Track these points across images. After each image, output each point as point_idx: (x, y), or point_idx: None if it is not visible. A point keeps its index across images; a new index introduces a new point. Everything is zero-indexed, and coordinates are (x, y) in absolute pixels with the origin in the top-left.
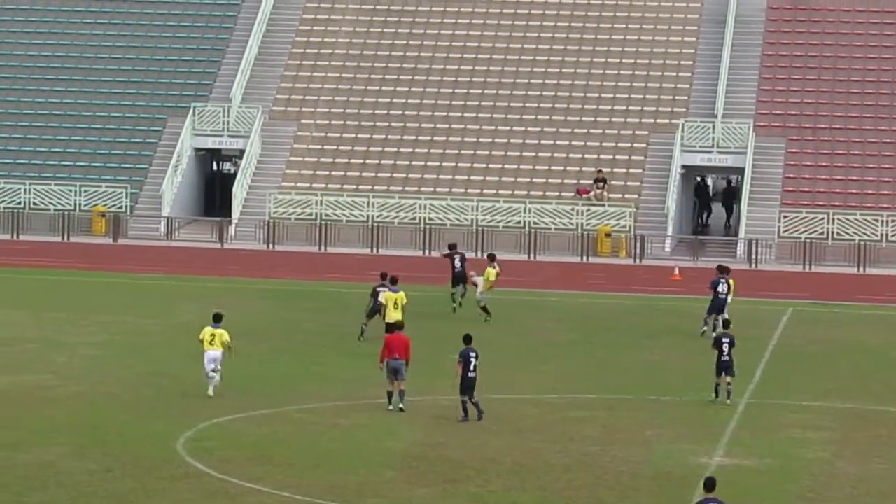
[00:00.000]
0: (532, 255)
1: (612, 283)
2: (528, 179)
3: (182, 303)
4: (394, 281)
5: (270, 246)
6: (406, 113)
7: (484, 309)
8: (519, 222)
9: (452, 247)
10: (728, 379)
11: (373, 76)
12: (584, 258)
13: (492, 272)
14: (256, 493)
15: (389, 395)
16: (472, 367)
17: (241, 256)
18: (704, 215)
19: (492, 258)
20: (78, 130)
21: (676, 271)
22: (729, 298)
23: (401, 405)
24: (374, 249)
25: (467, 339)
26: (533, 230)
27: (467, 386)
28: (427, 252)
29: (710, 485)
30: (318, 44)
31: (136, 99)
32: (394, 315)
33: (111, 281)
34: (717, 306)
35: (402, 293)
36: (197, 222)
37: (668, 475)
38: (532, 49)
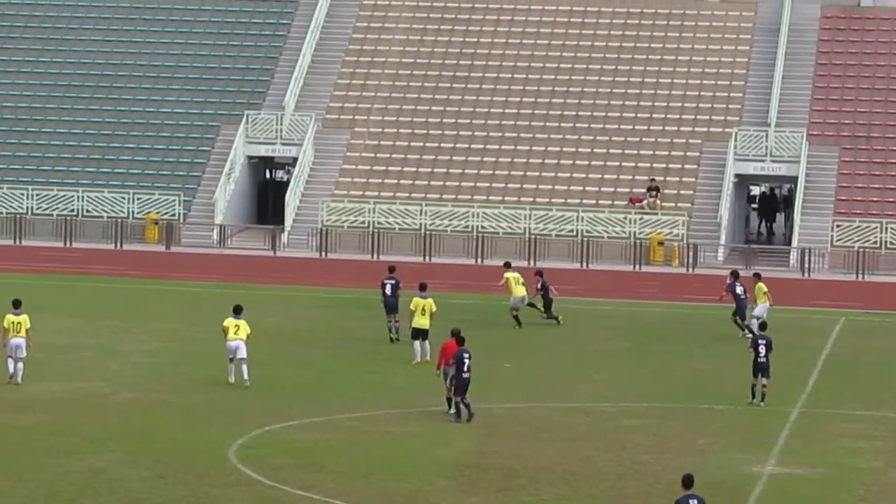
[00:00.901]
0: (584, 264)
1: (665, 291)
2: (580, 188)
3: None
4: (423, 287)
5: (323, 254)
6: (459, 121)
7: (516, 318)
8: (571, 231)
9: (391, 269)
10: (764, 381)
11: (426, 84)
12: (637, 267)
13: (512, 278)
14: (308, 500)
15: (449, 400)
16: (465, 368)
17: (293, 264)
18: (769, 224)
19: (508, 265)
20: (132, 138)
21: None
22: (768, 303)
23: (470, 414)
24: (427, 258)
25: (461, 341)
26: (585, 239)
27: (460, 386)
28: (480, 261)
29: (688, 482)
30: (371, 52)
31: (190, 106)
32: (420, 321)
33: (164, 289)
34: (741, 308)
35: (430, 300)
36: (249, 230)
37: (720, 484)
38: (585, 57)
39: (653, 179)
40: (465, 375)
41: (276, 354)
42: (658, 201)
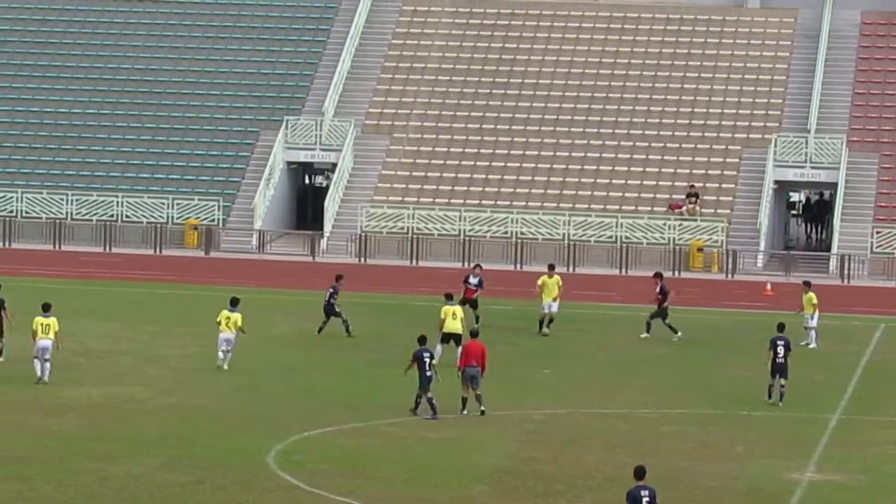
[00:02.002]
0: (623, 270)
1: (704, 298)
2: (620, 194)
3: (274, 316)
4: (449, 297)
5: (362, 259)
6: (498, 127)
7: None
8: (611, 237)
9: (338, 278)
10: (782, 381)
11: (465, 90)
12: (676, 273)
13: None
14: None
15: (464, 401)
16: (427, 367)
17: (333, 270)
18: (819, 230)
19: (552, 267)
20: (171, 143)
21: (768, 286)
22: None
23: (482, 408)
24: (466, 263)
25: (421, 340)
26: (625, 245)
27: (424, 383)
28: (519, 266)
29: (640, 473)
30: (410, 57)
31: (230, 112)
32: (451, 325)
33: (203, 294)
34: (662, 313)
35: (458, 307)
36: (289, 235)
37: (759, 491)
38: (625, 63)
39: (692, 185)
40: (428, 373)
41: (315, 360)
42: (697, 207)
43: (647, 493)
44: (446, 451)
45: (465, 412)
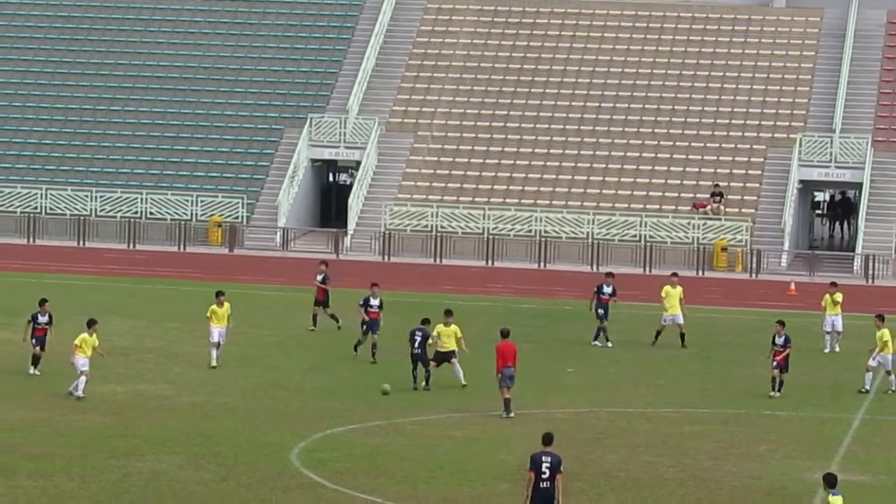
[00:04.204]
0: (647, 269)
1: (728, 297)
2: (644, 193)
3: (298, 313)
4: (448, 313)
5: (386, 257)
6: (523, 125)
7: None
8: (635, 236)
9: (324, 275)
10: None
11: (489, 88)
12: (700, 272)
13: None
14: None
15: (506, 402)
16: (416, 345)
17: (357, 267)
18: (843, 228)
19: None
20: (195, 140)
21: (792, 286)
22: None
23: (511, 414)
24: (490, 262)
25: (425, 321)
26: (649, 244)
27: (412, 358)
28: (542, 265)
29: (547, 439)
30: (435, 55)
31: (254, 109)
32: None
33: (227, 291)
34: (602, 307)
35: (454, 327)
36: (312, 233)
37: (781, 490)
38: (650, 61)
39: (717, 185)
40: (417, 351)
41: (338, 358)
42: (722, 207)
43: (548, 458)
44: (469, 449)
45: (512, 415)
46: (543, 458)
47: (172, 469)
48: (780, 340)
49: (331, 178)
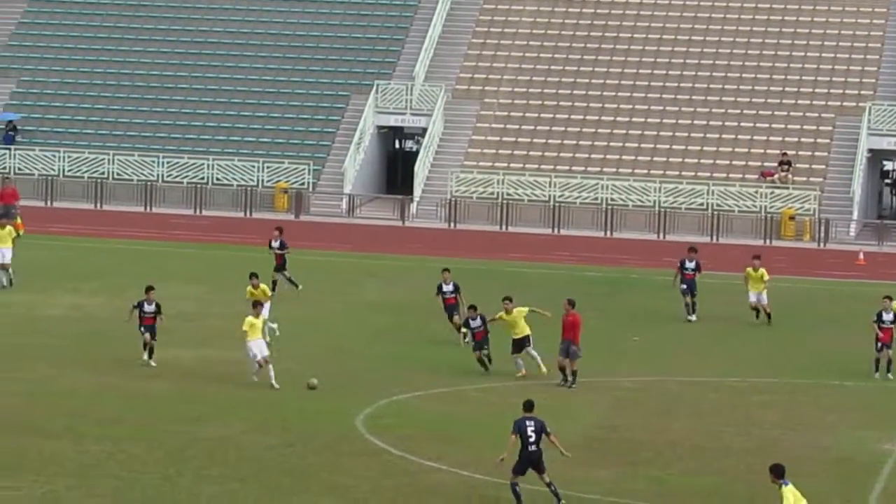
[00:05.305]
0: (714, 238)
1: (796, 266)
2: (711, 161)
3: (364, 280)
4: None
5: (452, 224)
6: (589, 93)
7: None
8: (702, 204)
9: (280, 241)
10: (890, 353)
11: (556, 55)
12: (768, 241)
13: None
14: (436, 471)
15: (562, 369)
16: (465, 339)
17: (422, 234)
18: None
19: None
20: (262, 107)
21: (861, 256)
22: None
23: (573, 384)
24: (556, 230)
25: (472, 307)
26: (716, 213)
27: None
28: (608, 233)
29: (528, 406)
30: (502, 22)
31: (320, 76)
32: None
33: (292, 258)
34: (685, 283)
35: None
36: (378, 200)
37: (849, 461)
38: (718, 29)
39: (784, 153)
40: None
41: (403, 325)
42: (790, 175)
43: (531, 423)
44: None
45: (570, 384)
46: (527, 423)
47: (238, 434)
48: (888, 316)
49: (397, 145)
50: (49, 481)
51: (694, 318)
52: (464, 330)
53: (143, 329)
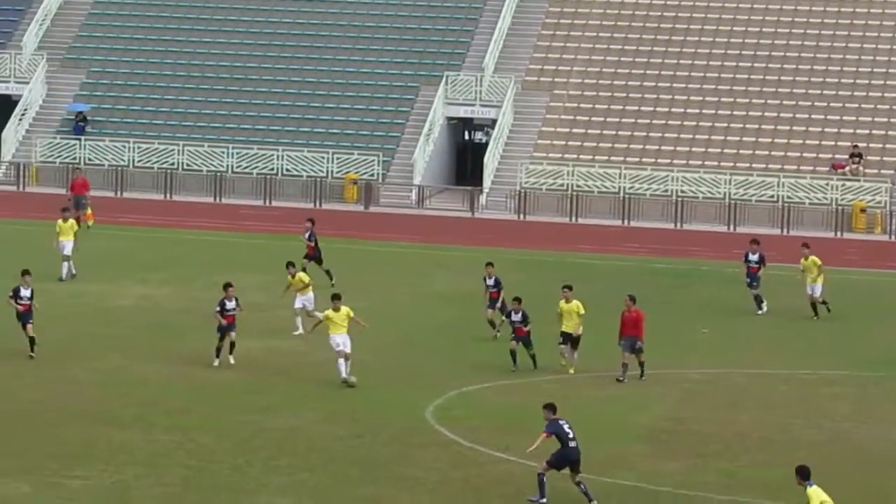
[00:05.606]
0: (785, 230)
1: (867, 259)
2: (782, 153)
3: (433, 271)
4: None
5: (521, 216)
6: (659, 84)
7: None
8: (772, 196)
9: (310, 233)
10: None
11: (626, 47)
12: (839, 234)
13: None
14: (505, 462)
15: (625, 367)
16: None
17: (492, 226)
18: None
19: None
20: (332, 98)
21: None
22: None
23: (642, 376)
24: (626, 221)
25: (517, 299)
26: (786, 205)
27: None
28: (679, 225)
29: (553, 408)
30: (571, 14)
31: (390, 67)
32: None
33: (362, 248)
34: (749, 276)
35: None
36: (448, 191)
37: None
38: (788, 21)
39: (855, 146)
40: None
41: (472, 317)
42: (861, 167)
43: (566, 423)
44: (604, 409)
45: (621, 379)
46: (560, 422)
47: (307, 425)
48: None
49: (466, 137)
50: (118, 470)
51: (763, 310)
52: (502, 318)
53: (226, 326)
